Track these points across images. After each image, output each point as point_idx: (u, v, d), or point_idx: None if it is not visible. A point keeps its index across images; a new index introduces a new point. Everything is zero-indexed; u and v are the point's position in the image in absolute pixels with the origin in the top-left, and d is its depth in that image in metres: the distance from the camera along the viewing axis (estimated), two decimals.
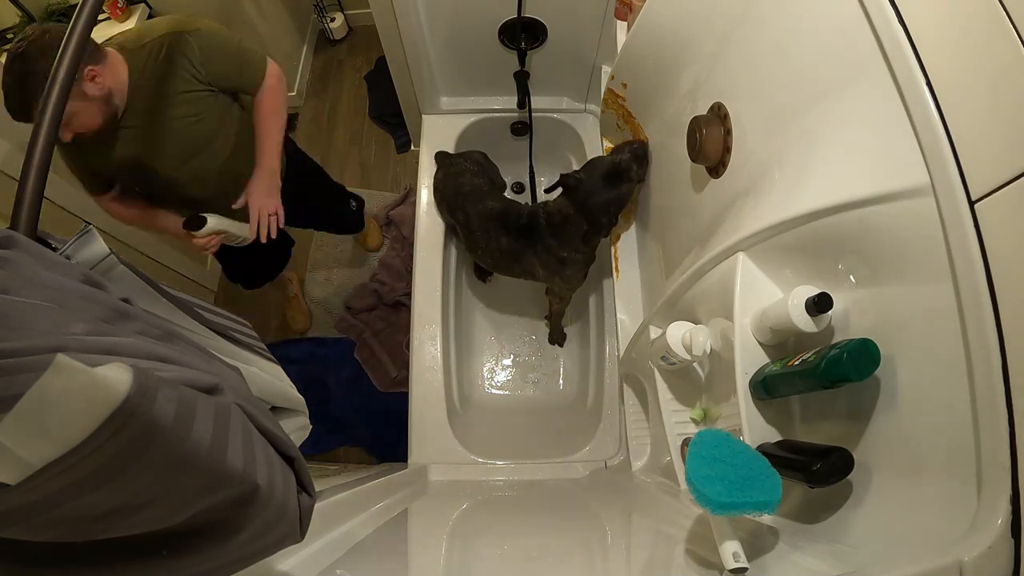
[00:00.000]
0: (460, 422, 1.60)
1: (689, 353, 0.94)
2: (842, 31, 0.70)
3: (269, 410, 0.64)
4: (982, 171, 0.53)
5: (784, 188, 0.80)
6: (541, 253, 1.47)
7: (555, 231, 1.42)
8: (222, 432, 0.38)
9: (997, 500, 0.50)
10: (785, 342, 0.81)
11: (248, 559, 0.45)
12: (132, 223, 1.45)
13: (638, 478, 1.28)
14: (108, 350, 0.35)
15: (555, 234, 1.42)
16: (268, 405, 0.65)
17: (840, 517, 0.68)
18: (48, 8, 1.96)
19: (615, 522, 1.08)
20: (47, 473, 0.28)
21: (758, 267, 0.83)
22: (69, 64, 0.53)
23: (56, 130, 0.50)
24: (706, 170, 1.06)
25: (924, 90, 0.58)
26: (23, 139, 0.52)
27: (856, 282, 0.72)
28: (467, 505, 1.28)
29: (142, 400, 0.30)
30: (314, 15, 2.84)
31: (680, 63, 1.13)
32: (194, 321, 0.53)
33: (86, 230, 0.44)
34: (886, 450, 0.65)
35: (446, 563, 0.86)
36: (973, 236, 0.53)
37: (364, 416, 2.10)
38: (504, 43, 1.63)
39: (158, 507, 0.35)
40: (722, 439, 0.69)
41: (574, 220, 1.37)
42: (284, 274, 2.07)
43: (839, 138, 0.72)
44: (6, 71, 1.02)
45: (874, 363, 0.63)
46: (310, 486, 0.51)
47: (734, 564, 0.62)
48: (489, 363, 1.92)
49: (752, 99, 0.93)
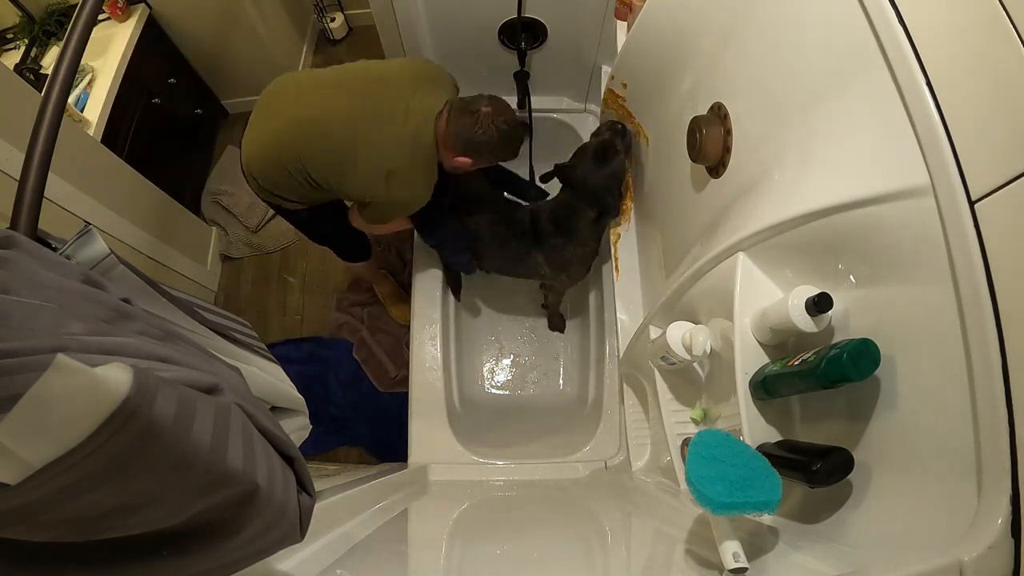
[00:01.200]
0: (460, 422, 1.60)
1: (689, 353, 0.94)
2: (842, 31, 0.70)
3: (269, 410, 0.64)
4: (982, 171, 0.53)
5: (784, 188, 0.80)
6: (548, 252, 1.48)
7: (562, 227, 1.43)
8: (222, 432, 0.38)
9: (997, 500, 0.50)
10: (785, 342, 0.81)
11: (248, 559, 0.45)
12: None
13: (638, 478, 1.28)
14: (108, 350, 0.35)
15: (561, 231, 1.43)
16: (268, 405, 0.65)
17: (840, 517, 0.68)
18: (48, 8, 1.96)
19: (615, 522, 1.08)
20: (47, 473, 0.28)
21: (758, 267, 0.83)
22: (69, 64, 0.53)
23: (56, 130, 0.50)
24: (706, 170, 1.06)
25: (924, 90, 0.58)
26: (23, 139, 0.52)
27: (856, 282, 0.72)
28: (467, 505, 1.28)
29: (142, 400, 0.30)
30: (314, 15, 2.84)
31: (680, 63, 1.13)
32: (194, 321, 0.53)
33: (86, 230, 0.44)
34: (886, 450, 0.65)
35: (446, 563, 0.86)
36: (973, 236, 0.53)
37: (364, 416, 2.10)
38: (504, 43, 1.63)
39: (158, 507, 0.35)
40: (722, 439, 0.69)
41: (581, 209, 1.39)
42: (378, 270, 2.08)
43: (839, 138, 0.72)
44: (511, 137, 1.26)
45: (874, 363, 0.63)
46: (310, 486, 0.51)
47: (734, 564, 0.62)
48: (489, 363, 1.92)
49: (752, 99, 0.93)
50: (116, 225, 1.74)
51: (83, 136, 1.69)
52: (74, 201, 1.55)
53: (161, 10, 2.10)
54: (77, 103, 1.84)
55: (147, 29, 2.04)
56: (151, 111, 2.08)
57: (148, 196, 1.93)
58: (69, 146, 1.57)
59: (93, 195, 1.62)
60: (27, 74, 1.82)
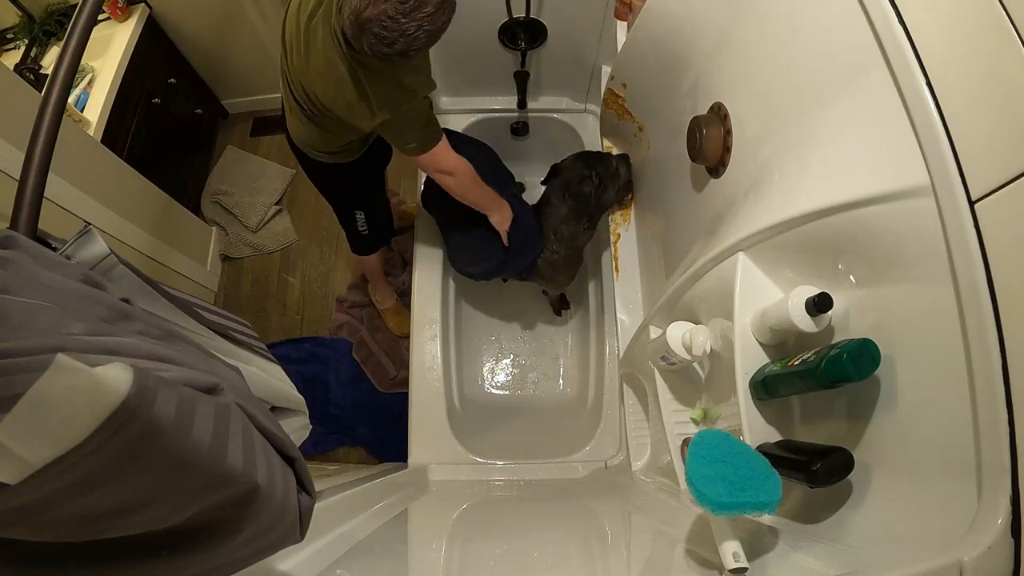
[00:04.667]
0: (460, 422, 1.60)
1: (689, 353, 0.94)
2: (842, 31, 0.70)
3: (269, 410, 0.64)
4: (982, 171, 0.53)
5: (784, 188, 0.80)
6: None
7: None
8: (222, 432, 0.38)
9: (997, 500, 0.50)
10: (785, 342, 0.81)
11: (248, 559, 0.45)
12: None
13: (638, 478, 1.28)
14: (108, 350, 0.35)
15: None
16: (268, 405, 0.65)
17: (840, 517, 0.68)
18: (48, 8, 1.97)
19: (615, 522, 1.08)
20: (47, 473, 0.28)
21: (758, 267, 0.83)
22: (69, 64, 0.53)
23: (56, 130, 0.50)
24: (706, 170, 1.06)
25: (924, 90, 0.58)
26: (23, 139, 0.52)
27: (856, 282, 0.72)
28: (467, 505, 1.28)
29: (142, 400, 0.30)
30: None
31: (680, 63, 1.12)
32: (194, 321, 0.53)
33: (86, 230, 0.44)
34: (886, 450, 0.65)
35: (446, 563, 0.86)
36: (973, 236, 0.53)
37: (364, 416, 2.10)
38: (504, 43, 1.63)
39: (158, 507, 0.35)
40: (722, 439, 0.69)
41: (558, 204, 1.45)
42: (385, 279, 2.07)
43: (839, 138, 0.72)
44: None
45: (874, 363, 0.63)
46: (310, 486, 0.51)
47: (734, 564, 0.62)
48: (489, 363, 1.92)
49: (752, 99, 0.93)
50: (116, 225, 1.74)
51: (83, 136, 1.69)
52: (74, 201, 1.55)
53: (161, 10, 2.09)
54: (77, 103, 1.84)
55: (147, 29, 2.04)
56: (151, 111, 2.08)
57: (148, 196, 1.93)
58: (69, 146, 1.57)
59: (93, 195, 1.62)
60: (27, 74, 1.82)
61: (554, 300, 1.89)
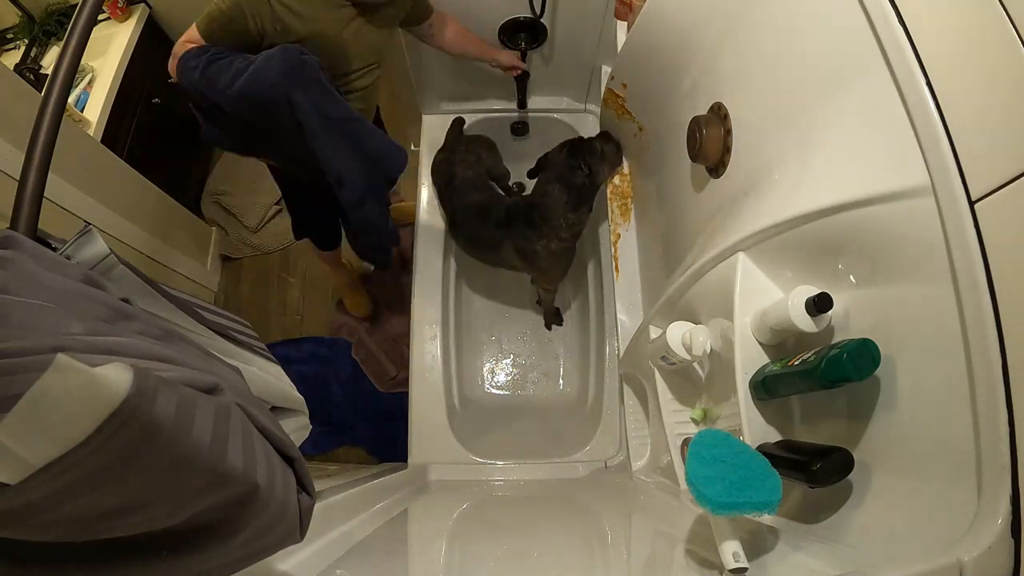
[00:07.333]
0: (460, 422, 1.60)
1: (689, 353, 0.94)
2: (842, 31, 0.70)
3: (269, 410, 0.64)
4: (982, 171, 0.53)
5: (784, 188, 0.80)
6: (519, 243, 1.53)
7: (533, 219, 1.49)
8: (222, 432, 0.38)
9: (997, 500, 0.50)
10: (785, 342, 0.81)
11: (248, 559, 0.45)
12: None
13: (638, 478, 1.28)
14: (108, 350, 0.35)
15: (531, 223, 1.49)
16: (268, 405, 0.65)
17: (840, 517, 0.68)
18: (48, 8, 1.97)
19: (615, 522, 1.08)
20: (47, 473, 0.28)
21: (758, 267, 0.83)
22: (69, 64, 0.53)
23: (56, 130, 0.50)
24: (706, 170, 1.06)
25: (924, 90, 0.58)
26: (23, 139, 0.52)
27: (856, 282, 0.72)
28: (467, 505, 1.28)
29: (142, 400, 0.30)
30: None
31: (680, 63, 1.13)
32: (194, 321, 0.53)
33: (86, 230, 0.44)
34: (886, 450, 0.65)
35: (446, 563, 0.86)
36: (973, 236, 0.53)
37: (364, 416, 2.10)
38: (504, 43, 1.63)
39: (158, 507, 0.35)
40: (722, 439, 0.69)
41: (552, 191, 1.46)
42: (344, 259, 2.02)
43: (839, 138, 0.72)
44: None
45: (874, 363, 0.63)
46: (310, 486, 0.51)
47: (734, 564, 0.62)
48: (489, 363, 1.92)
49: (752, 99, 0.93)
50: (116, 225, 1.74)
51: (83, 136, 1.70)
52: (74, 201, 1.55)
53: (161, 10, 2.10)
54: (77, 103, 1.84)
55: (147, 29, 2.04)
56: (151, 111, 2.08)
57: (148, 196, 1.93)
58: (69, 146, 1.57)
59: (93, 195, 1.62)
60: (27, 74, 1.82)
61: (548, 313, 1.89)
